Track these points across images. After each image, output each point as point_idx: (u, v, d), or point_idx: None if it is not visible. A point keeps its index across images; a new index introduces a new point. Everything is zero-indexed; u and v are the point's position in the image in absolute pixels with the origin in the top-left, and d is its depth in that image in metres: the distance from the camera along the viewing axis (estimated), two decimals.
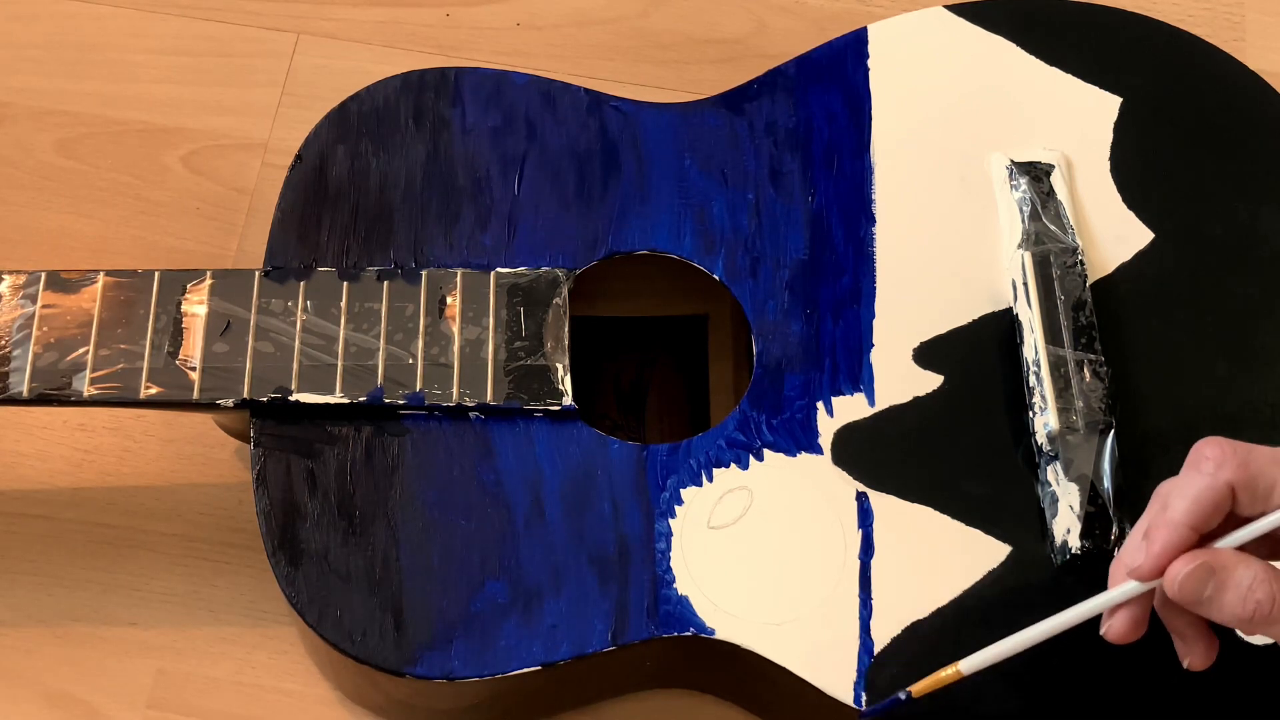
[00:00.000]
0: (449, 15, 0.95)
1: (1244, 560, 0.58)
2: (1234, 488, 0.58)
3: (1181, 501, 0.59)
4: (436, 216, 0.77)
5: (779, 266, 0.76)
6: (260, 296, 0.74)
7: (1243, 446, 0.59)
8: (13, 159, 0.90)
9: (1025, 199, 0.76)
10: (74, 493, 0.82)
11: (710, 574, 0.70)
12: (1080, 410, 0.71)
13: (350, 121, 0.79)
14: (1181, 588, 0.58)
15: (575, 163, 0.78)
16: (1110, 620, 0.61)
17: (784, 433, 0.72)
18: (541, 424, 0.72)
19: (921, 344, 0.74)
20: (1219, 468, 0.59)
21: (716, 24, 0.95)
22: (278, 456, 0.72)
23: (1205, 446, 0.59)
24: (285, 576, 0.70)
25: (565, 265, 0.76)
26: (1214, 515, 0.59)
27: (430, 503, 0.71)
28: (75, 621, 0.79)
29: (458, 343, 0.73)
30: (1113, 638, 0.61)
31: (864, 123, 0.79)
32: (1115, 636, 0.61)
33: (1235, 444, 0.59)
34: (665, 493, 0.71)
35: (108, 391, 0.72)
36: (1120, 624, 0.61)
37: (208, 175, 0.90)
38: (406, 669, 0.68)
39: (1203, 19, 0.94)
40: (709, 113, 0.80)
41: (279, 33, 0.94)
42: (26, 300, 0.73)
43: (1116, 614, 0.61)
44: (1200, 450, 0.59)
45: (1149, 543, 0.59)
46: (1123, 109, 0.79)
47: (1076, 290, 0.73)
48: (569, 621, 0.69)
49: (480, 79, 0.80)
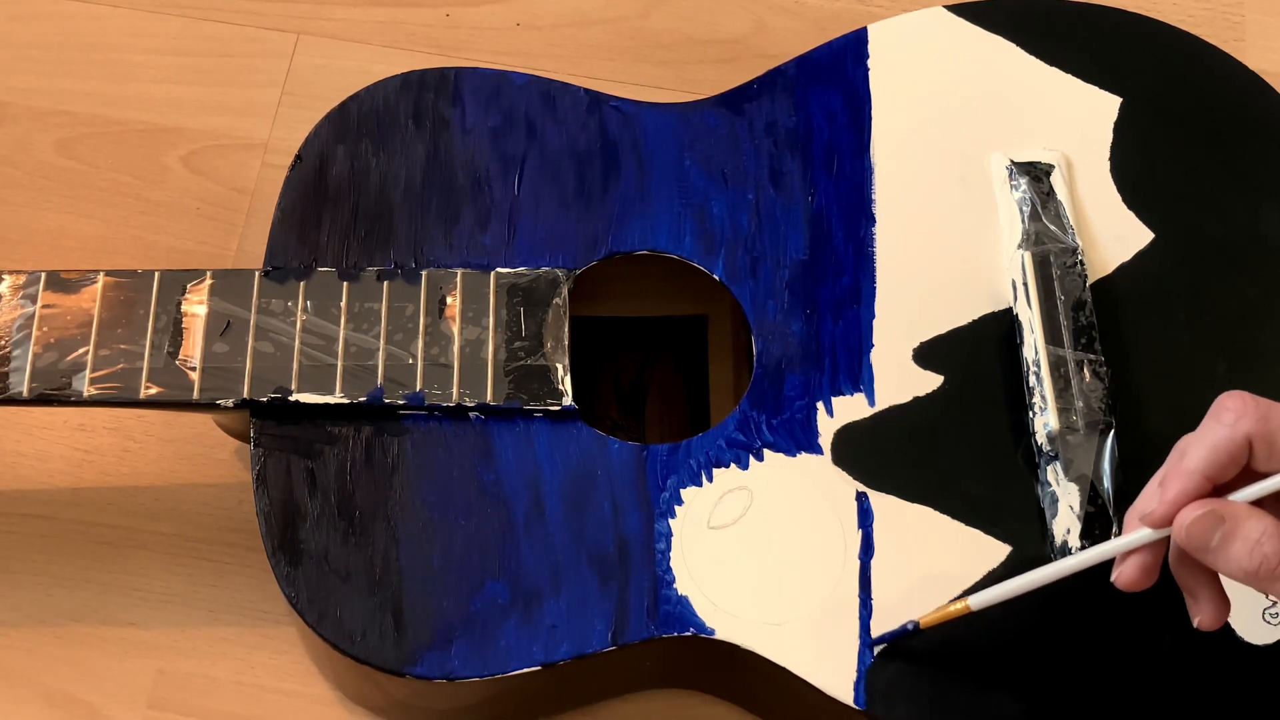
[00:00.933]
0: (449, 15, 0.95)
1: (1256, 513, 0.58)
2: (1252, 440, 0.59)
3: (1199, 450, 0.59)
4: (436, 216, 0.77)
5: (779, 266, 0.76)
6: (260, 296, 0.74)
7: (1265, 402, 0.59)
8: (13, 159, 0.90)
9: (1025, 199, 0.76)
10: (74, 493, 0.82)
11: (710, 574, 0.70)
12: (1080, 410, 0.71)
13: (350, 121, 0.79)
14: (1189, 533, 0.58)
15: (575, 163, 0.78)
16: (1121, 566, 0.61)
17: (784, 433, 0.72)
18: (541, 424, 0.72)
19: (921, 344, 0.74)
20: (1239, 419, 0.59)
21: (716, 24, 0.95)
22: (278, 456, 0.72)
23: (1227, 399, 0.60)
24: (285, 576, 0.70)
25: (565, 265, 0.76)
26: (1230, 466, 0.59)
27: (430, 503, 0.71)
28: (75, 621, 0.79)
29: (458, 343, 0.73)
30: (1122, 584, 0.61)
31: (864, 123, 0.79)
32: (1125, 583, 0.61)
33: (1258, 399, 0.59)
34: (665, 493, 0.71)
35: (108, 391, 0.72)
36: (1130, 570, 0.61)
37: (208, 175, 0.90)
38: (406, 669, 0.68)
39: (1203, 19, 0.94)
40: (709, 113, 0.80)
41: (279, 33, 0.94)
42: (26, 300, 0.73)
43: (1128, 560, 0.61)
44: (1222, 402, 0.60)
45: (1163, 489, 0.60)
46: (1123, 109, 0.79)
47: (1076, 290, 0.73)
48: (569, 622, 0.69)
49: (480, 79, 0.80)
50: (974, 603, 0.64)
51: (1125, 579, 0.61)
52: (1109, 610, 0.69)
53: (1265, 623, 0.69)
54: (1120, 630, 0.68)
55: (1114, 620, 0.69)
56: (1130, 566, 0.61)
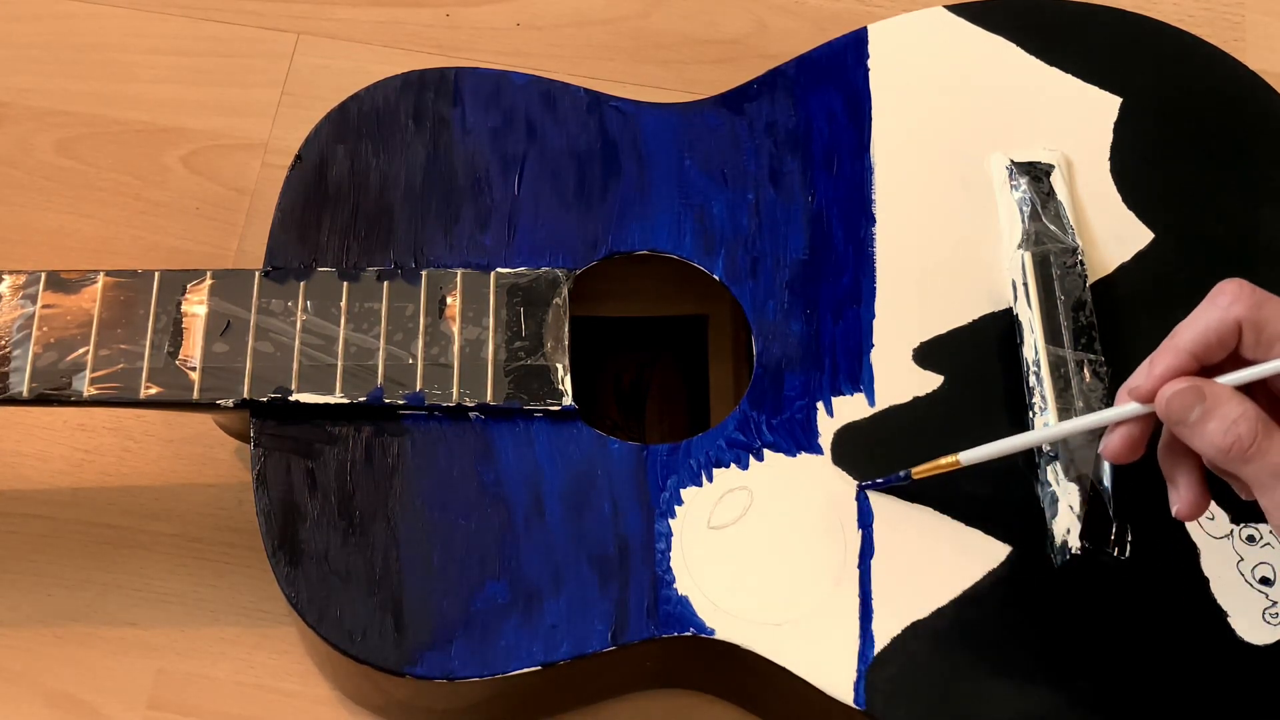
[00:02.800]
0: (449, 15, 0.95)
1: (1236, 396, 0.59)
2: (1242, 325, 0.60)
3: (1189, 330, 0.61)
4: (436, 216, 0.77)
5: (779, 266, 0.76)
6: (260, 296, 0.74)
7: (1260, 292, 0.61)
8: (13, 159, 0.90)
9: (1025, 199, 0.76)
10: (74, 493, 0.82)
11: (710, 574, 0.70)
12: (1080, 410, 0.71)
13: (350, 121, 0.79)
14: (1169, 406, 0.60)
15: (575, 163, 0.78)
16: (1109, 437, 0.63)
17: (784, 433, 0.72)
18: (541, 424, 0.72)
19: (921, 344, 0.74)
20: (1233, 303, 0.60)
21: (716, 24, 0.95)
22: (278, 456, 0.72)
23: (1226, 283, 0.61)
24: (285, 576, 0.70)
25: (565, 265, 0.76)
26: (1218, 347, 0.60)
27: (430, 503, 0.71)
28: (75, 621, 0.79)
29: (458, 343, 0.73)
30: (1109, 455, 0.63)
31: (864, 123, 0.79)
32: (1111, 453, 0.63)
33: (1254, 287, 0.61)
34: (665, 493, 0.71)
35: (108, 391, 0.72)
36: (1117, 441, 0.63)
37: (208, 175, 0.90)
38: (406, 669, 0.68)
39: (1203, 19, 0.94)
40: (709, 113, 0.80)
41: (279, 33, 0.94)
42: (26, 300, 0.73)
43: (1115, 431, 0.63)
44: (1220, 286, 0.61)
45: (1150, 364, 0.61)
46: (1123, 109, 0.79)
47: (1076, 290, 0.73)
48: (569, 621, 0.69)
49: (480, 79, 0.80)
50: (964, 458, 0.67)
51: (1111, 449, 0.63)
52: (1109, 611, 0.69)
53: (1265, 623, 0.69)
54: (1120, 630, 0.68)
55: (1114, 620, 0.69)
56: (1117, 438, 0.63)
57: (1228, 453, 0.59)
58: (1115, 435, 0.63)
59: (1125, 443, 0.63)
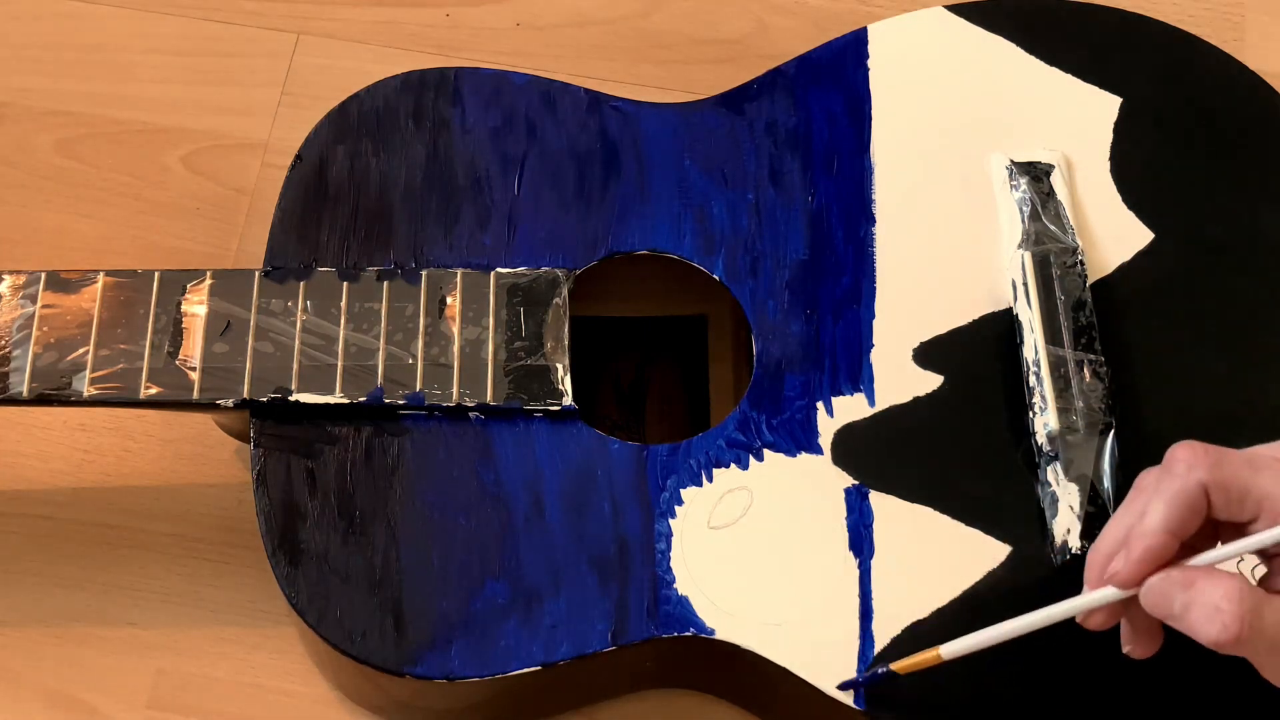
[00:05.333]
0: (449, 15, 0.95)
1: (1215, 578, 0.57)
2: (1207, 489, 0.58)
3: (1158, 507, 0.58)
4: (436, 216, 0.77)
5: (779, 266, 0.76)
6: (260, 296, 0.74)
7: (1215, 449, 0.59)
8: (13, 159, 0.90)
9: (1025, 199, 0.76)
10: (74, 493, 0.82)
11: (710, 574, 0.70)
12: (1080, 410, 0.71)
13: (350, 121, 0.79)
14: (1152, 602, 0.58)
15: (575, 163, 0.78)
16: (1090, 617, 0.62)
17: (784, 433, 0.72)
18: (541, 424, 0.72)
19: (921, 344, 0.74)
20: (1190, 469, 0.58)
21: (716, 24, 0.95)
22: (278, 456, 0.72)
23: (1178, 449, 0.59)
24: (285, 577, 0.70)
25: (565, 265, 0.76)
26: (1190, 518, 0.58)
27: (430, 503, 0.71)
28: (75, 621, 0.79)
29: (458, 343, 0.73)
30: (1091, 628, 0.62)
31: (864, 123, 0.79)
32: (1094, 627, 0.62)
33: (1207, 446, 0.59)
34: (665, 493, 0.71)
35: (108, 391, 0.72)
36: (1100, 618, 0.61)
37: (208, 175, 0.90)
38: (406, 669, 0.68)
39: (1203, 19, 0.94)
40: (709, 113, 0.80)
41: (279, 33, 0.94)
42: (26, 300, 0.73)
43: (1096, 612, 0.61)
44: (1173, 453, 0.59)
45: (1128, 550, 0.59)
46: (1123, 109, 0.79)
47: (1076, 290, 0.73)
48: (569, 622, 0.69)
49: (480, 79, 0.80)
50: (945, 652, 0.64)
51: (1094, 624, 0.62)
52: None
53: None
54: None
55: None
56: (1100, 616, 0.61)
57: (1219, 643, 0.56)
58: (1096, 617, 0.61)
59: (1109, 618, 0.61)
